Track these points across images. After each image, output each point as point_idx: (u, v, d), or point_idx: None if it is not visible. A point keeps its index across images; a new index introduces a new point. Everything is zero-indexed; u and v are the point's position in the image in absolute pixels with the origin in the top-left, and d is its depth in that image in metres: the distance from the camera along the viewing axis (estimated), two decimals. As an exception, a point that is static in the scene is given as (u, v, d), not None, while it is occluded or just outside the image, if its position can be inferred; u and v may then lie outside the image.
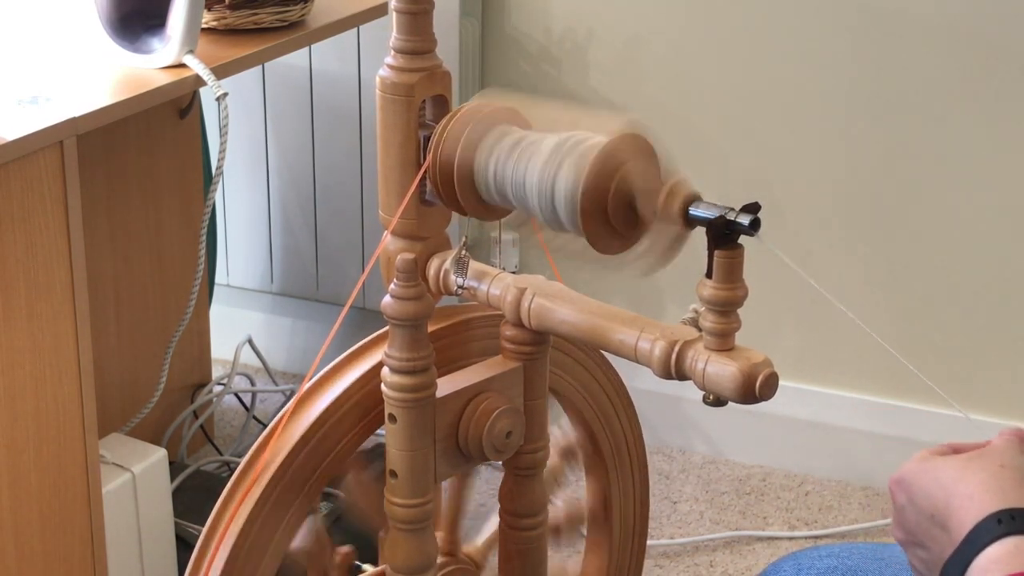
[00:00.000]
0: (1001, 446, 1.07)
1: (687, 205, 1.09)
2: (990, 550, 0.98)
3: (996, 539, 0.98)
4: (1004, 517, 0.99)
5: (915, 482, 1.07)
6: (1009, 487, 1.02)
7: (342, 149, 2.49)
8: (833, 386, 2.42)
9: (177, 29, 1.75)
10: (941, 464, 1.06)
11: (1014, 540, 0.98)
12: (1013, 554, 0.97)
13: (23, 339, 1.58)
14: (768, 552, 2.25)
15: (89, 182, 2.00)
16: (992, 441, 1.09)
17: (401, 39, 1.24)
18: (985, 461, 1.05)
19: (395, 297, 1.16)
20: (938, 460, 1.07)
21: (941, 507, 1.04)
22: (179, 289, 2.27)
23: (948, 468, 1.05)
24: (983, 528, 0.99)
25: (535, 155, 1.16)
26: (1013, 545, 0.98)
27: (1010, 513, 0.99)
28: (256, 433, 2.43)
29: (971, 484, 1.02)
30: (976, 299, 2.29)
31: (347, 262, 2.56)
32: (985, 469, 1.04)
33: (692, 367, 1.11)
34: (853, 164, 2.30)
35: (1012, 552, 0.97)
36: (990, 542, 0.98)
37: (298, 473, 1.23)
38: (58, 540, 1.68)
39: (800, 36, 2.26)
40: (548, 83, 2.41)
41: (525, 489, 1.34)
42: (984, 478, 1.03)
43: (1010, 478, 1.03)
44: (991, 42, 2.16)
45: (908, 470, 1.08)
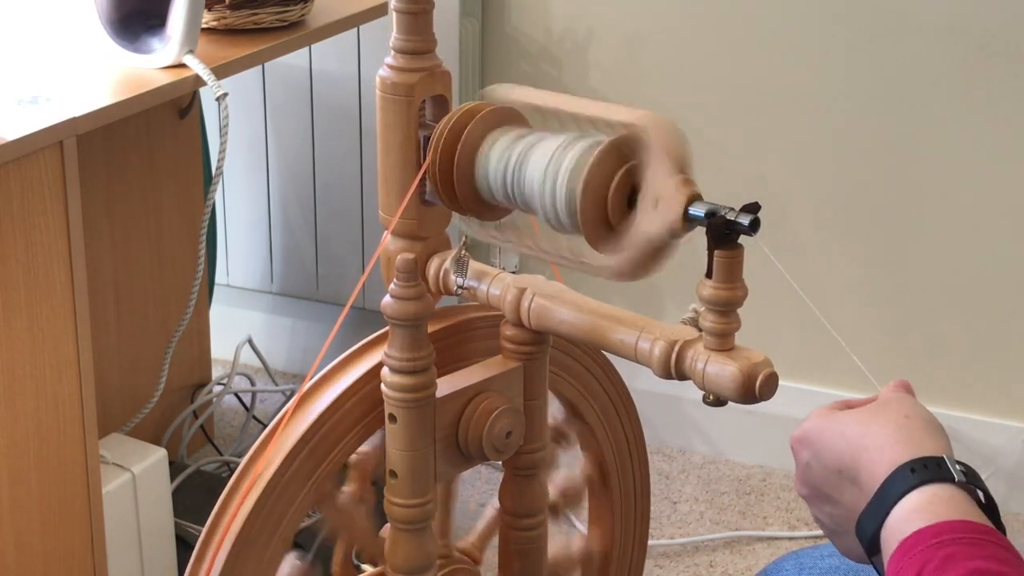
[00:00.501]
0: (896, 397, 1.08)
1: (687, 204, 1.09)
2: (907, 500, 0.98)
3: (911, 488, 0.98)
4: (917, 466, 0.99)
5: (819, 439, 1.06)
6: (918, 437, 1.02)
7: (342, 149, 2.49)
8: (833, 386, 2.42)
9: (177, 29, 1.75)
10: (844, 418, 1.06)
11: (931, 488, 0.98)
12: (932, 502, 0.97)
13: (23, 339, 1.58)
14: (768, 552, 2.25)
15: (89, 182, 2.00)
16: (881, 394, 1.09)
17: (401, 39, 1.24)
18: (889, 413, 1.05)
19: (395, 297, 1.16)
20: (841, 415, 1.07)
21: (848, 461, 1.03)
22: (179, 289, 2.27)
23: (852, 422, 1.05)
24: (897, 478, 0.99)
25: (536, 154, 1.16)
26: (931, 493, 0.97)
27: (922, 462, 0.99)
28: (256, 433, 2.43)
29: (879, 436, 1.02)
30: (976, 299, 2.29)
31: (347, 262, 2.56)
32: (891, 421, 1.04)
33: (692, 367, 1.11)
34: (853, 164, 2.30)
35: (931, 499, 0.97)
36: (906, 492, 0.98)
37: (298, 473, 1.23)
38: (58, 540, 1.68)
39: (800, 36, 2.26)
40: (548, 83, 2.41)
41: (525, 489, 1.34)
42: (891, 430, 1.03)
43: (917, 428, 1.03)
44: (991, 42, 2.16)
45: (810, 427, 1.08)
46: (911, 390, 1.10)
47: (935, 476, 0.98)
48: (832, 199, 2.33)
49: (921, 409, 1.06)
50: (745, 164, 2.35)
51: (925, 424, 1.04)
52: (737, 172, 2.35)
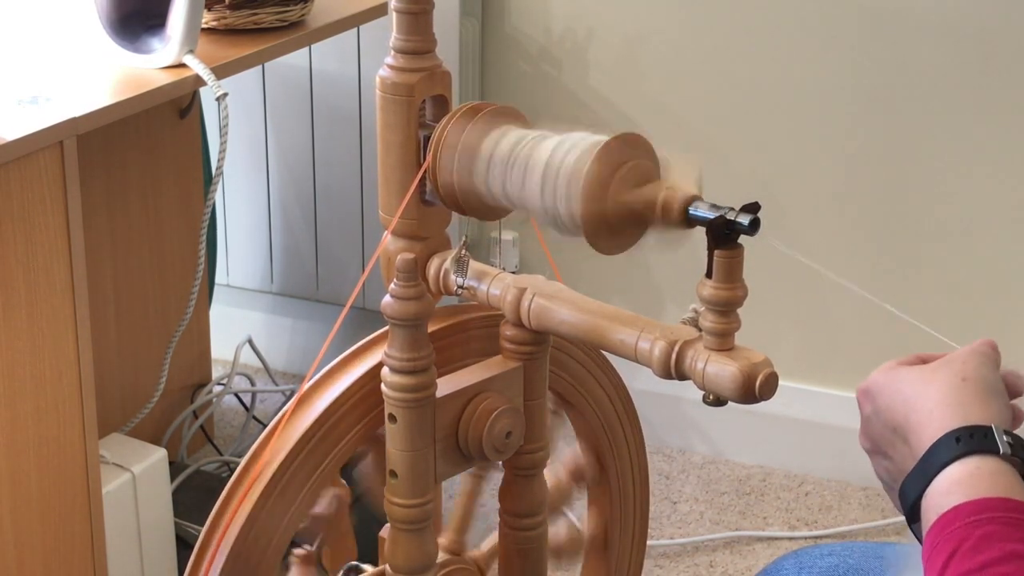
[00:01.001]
0: (965, 355, 1.04)
1: (687, 205, 1.09)
2: (950, 470, 0.96)
3: (955, 459, 0.96)
4: (963, 435, 0.97)
5: (880, 393, 1.05)
6: (969, 401, 0.99)
7: (342, 149, 2.49)
8: (833, 386, 2.42)
9: (177, 29, 1.75)
10: (905, 375, 1.04)
11: (975, 460, 0.95)
12: (975, 475, 0.95)
13: (23, 339, 1.58)
14: (768, 552, 2.25)
15: (89, 182, 2.00)
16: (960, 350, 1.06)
17: (401, 39, 1.24)
18: (947, 373, 1.02)
19: (395, 297, 1.16)
20: (903, 371, 1.05)
21: (901, 420, 1.02)
22: (179, 289, 2.27)
23: (910, 380, 1.03)
24: (941, 446, 0.97)
25: (536, 153, 1.16)
26: (974, 466, 0.95)
27: (969, 431, 0.97)
28: (256, 433, 2.43)
29: (931, 399, 1.00)
30: (976, 298, 2.29)
31: (347, 262, 2.56)
32: (946, 382, 1.01)
33: (692, 367, 1.10)
34: (853, 164, 2.30)
35: (974, 473, 0.95)
36: (949, 461, 0.96)
37: (298, 473, 1.22)
38: (58, 540, 1.68)
39: (800, 36, 2.26)
40: (548, 83, 2.41)
41: (525, 489, 1.34)
42: (945, 392, 1.00)
43: (971, 391, 1.00)
44: (992, 41, 2.16)
45: (874, 380, 1.06)
46: (996, 350, 1.06)
47: (981, 447, 0.96)
48: (832, 199, 2.33)
49: (986, 371, 1.02)
50: (745, 164, 2.35)
51: (981, 389, 1.00)
52: (737, 172, 2.35)
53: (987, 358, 1.04)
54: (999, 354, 1.06)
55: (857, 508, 2.36)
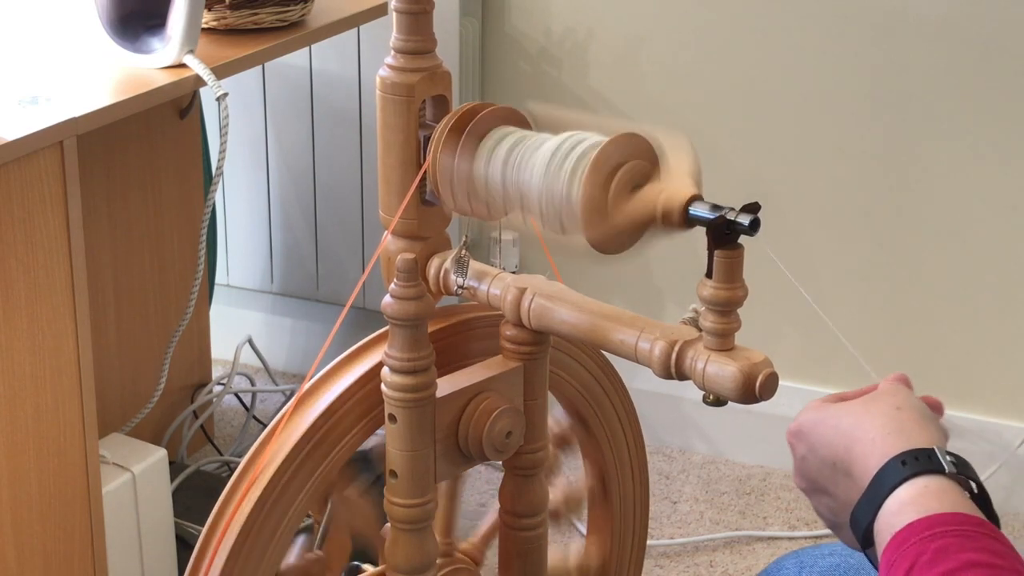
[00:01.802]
0: (891, 388, 1.07)
1: (687, 205, 1.09)
2: (899, 492, 0.98)
3: (903, 480, 0.98)
4: (908, 458, 0.99)
5: (813, 431, 1.07)
6: (909, 428, 1.02)
7: (342, 149, 2.49)
8: (833, 386, 2.42)
9: (177, 29, 1.75)
10: (838, 411, 1.06)
11: (922, 480, 0.98)
12: (923, 494, 0.97)
13: (23, 339, 1.58)
14: (768, 552, 2.25)
15: (89, 182, 2.00)
16: (879, 386, 1.09)
17: (401, 39, 1.24)
18: (882, 404, 1.05)
19: (395, 297, 1.16)
20: (834, 407, 1.07)
21: (842, 453, 1.04)
22: (179, 289, 2.27)
23: (845, 415, 1.05)
24: (889, 470, 0.99)
25: (536, 155, 1.16)
26: (922, 485, 0.97)
27: (913, 454, 0.99)
28: (256, 433, 2.43)
29: (871, 428, 1.02)
30: (976, 298, 2.29)
31: (347, 262, 2.56)
32: (883, 413, 1.04)
33: (692, 367, 1.10)
34: (853, 164, 2.30)
35: (922, 492, 0.97)
36: (898, 484, 0.98)
37: (298, 473, 1.22)
38: (58, 540, 1.68)
39: (800, 36, 2.26)
40: (548, 83, 2.41)
41: (525, 489, 1.34)
42: (884, 421, 1.03)
43: (909, 419, 1.03)
44: (991, 42, 2.16)
45: (805, 420, 1.08)
46: (908, 383, 1.10)
47: (926, 468, 0.98)
48: (832, 199, 2.33)
49: (914, 400, 1.06)
50: (745, 164, 2.35)
51: (917, 415, 1.04)
52: (737, 172, 2.35)
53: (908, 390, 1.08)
54: (912, 386, 1.10)
55: (857, 508, 2.35)
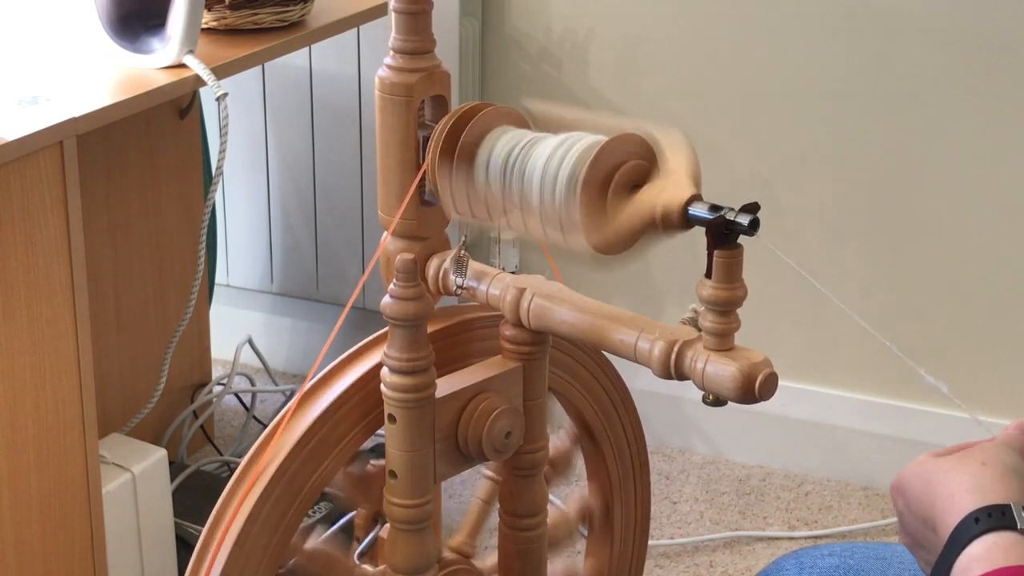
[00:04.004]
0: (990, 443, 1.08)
1: (686, 206, 1.09)
2: (970, 549, 0.99)
3: (975, 537, 0.99)
4: (981, 515, 1.00)
5: (910, 486, 1.08)
6: (988, 485, 1.02)
7: (342, 149, 2.49)
8: (833, 386, 2.42)
9: (177, 29, 1.75)
10: (931, 467, 1.07)
11: (993, 537, 0.98)
12: (991, 549, 0.98)
13: (23, 339, 1.58)
14: (768, 552, 2.25)
15: (89, 182, 2.00)
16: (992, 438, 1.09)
17: (401, 39, 1.24)
18: (968, 461, 1.06)
19: (395, 297, 1.16)
20: (930, 463, 1.08)
21: (928, 510, 1.05)
22: (179, 289, 2.27)
23: (935, 471, 1.06)
24: (963, 528, 1.00)
25: (535, 155, 1.16)
26: (992, 542, 0.98)
27: (987, 511, 1.00)
28: (256, 433, 2.43)
29: (952, 485, 1.03)
30: (977, 299, 2.29)
31: (347, 262, 2.56)
32: (966, 469, 1.04)
33: (692, 367, 1.11)
34: (853, 164, 2.30)
35: (991, 548, 0.98)
36: (969, 541, 0.99)
37: (298, 473, 1.23)
38: (58, 540, 1.68)
39: (800, 36, 2.26)
40: (548, 83, 2.41)
41: (525, 489, 1.34)
42: (964, 478, 1.03)
43: (990, 475, 1.03)
44: (991, 41, 2.16)
45: (905, 475, 1.09)
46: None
47: (998, 524, 0.99)
48: (832, 199, 2.33)
49: (1005, 455, 1.06)
50: (745, 164, 2.35)
51: (1001, 471, 1.04)
52: (737, 172, 2.35)
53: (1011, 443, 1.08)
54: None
55: (857, 508, 2.36)
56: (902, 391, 2.37)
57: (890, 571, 1.23)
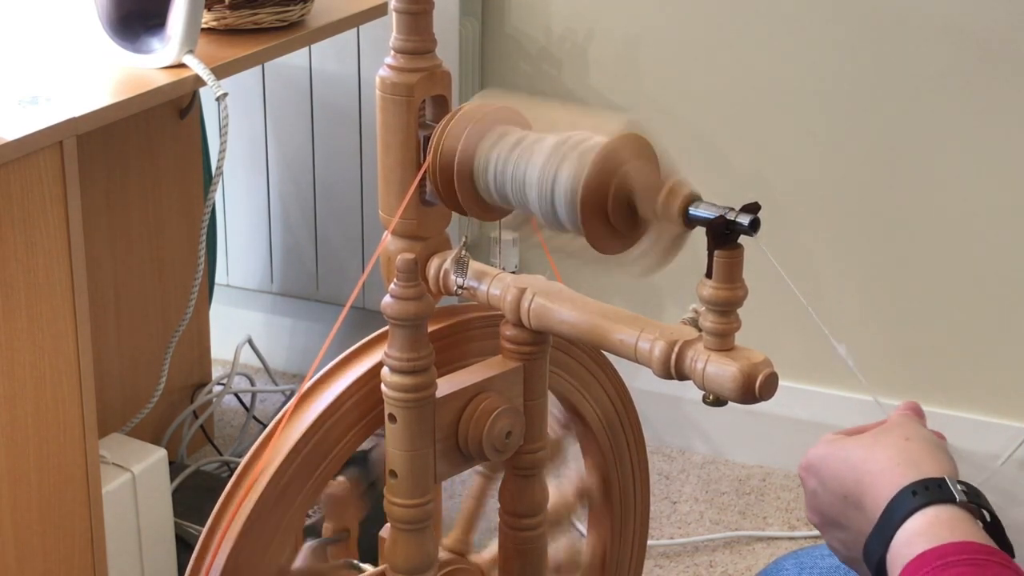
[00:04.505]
0: (900, 420, 1.09)
1: (687, 205, 1.09)
2: (910, 523, 0.98)
3: (914, 511, 0.98)
4: (918, 488, 0.99)
5: (824, 465, 1.08)
6: (919, 458, 1.02)
7: (342, 149, 2.49)
8: (833, 386, 2.42)
9: (177, 29, 1.75)
10: (848, 444, 1.07)
11: (933, 510, 0.98)
12: (934, 524, 0.97)
13: (23, 339, 1.58)
14: (768, 552, 2.25)
15: (89, 182, 2.00)
16: (889, 417, 1.10)
17: (401, 39, 1.24)
18: (891, 436, 1.06)
19: (395, 297, 1.16)
20: (844, 441, 1.08)
21: (852, 487, 1.04)
22: (179, 289, 2.27)
23: (855, 448, 1.06)
24: (899, 502, 1.00)
25: (535, 155, 1.16)
26: (933, 515, 0.98)
27: (924, 484, 0.99)
28: (256, 433, 2.43)
29: (880, 460, 1.03)
30: (975, 299, 2.29)
31: (347, 262, 2.57)
32: (892, 444, 1.05)
33: (692, 367, 1.10)
34: (853, 164, 2.30)
35: (933, 522, 0.97)
36: (908, 515, 0.98)
37: (298, 473, 1.23)
38: (58, 540, 1.68)
39: (800, 36, 2.26)
40: (548, 83, 2.41)
41: (525, 489, 1.34)
42: (892, 453, 1.03)
43: (918, 449, 1.03)
44: (990, 42, 2.16)
45: (815, 454, 1.09)
46: (920, 412, 1.11)
47: (937, 497, 0.98)
48: (832, 199, 2.33)
49: (924, 431, 1.07)
50: (745, 164, 2.35)
51: (927, 446, 1.04)
52: (737, 172, 2.35)
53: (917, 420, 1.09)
54: (924, 416, 1.11)
55: (857, 508, 2.35)
56: (902, 391, 2.37)
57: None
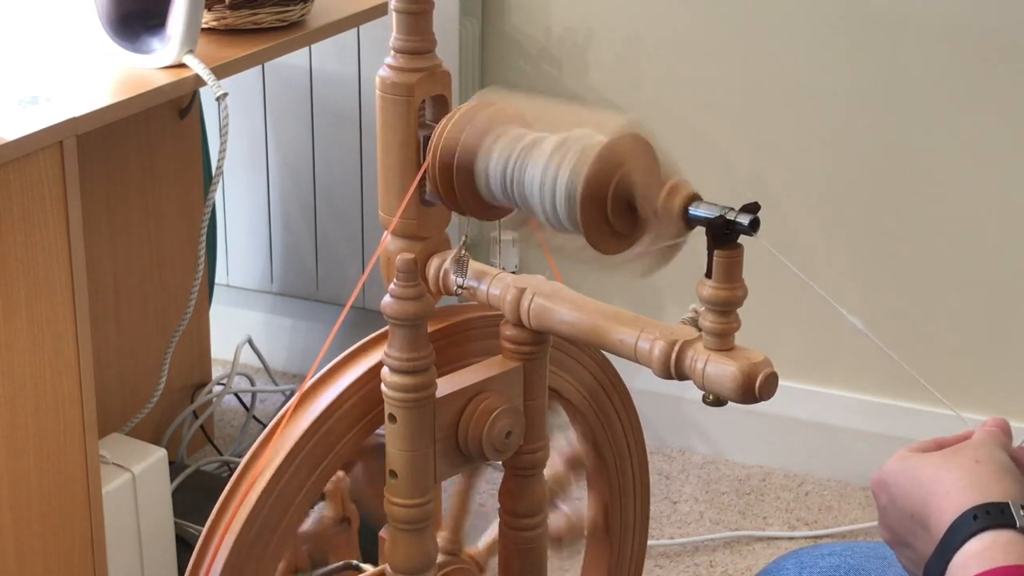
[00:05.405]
0: (980, 439, 1.08)
1: (687, 204, 1.09)
2: (968, 546, 0.98)
3: (973, 535, 0.98)
4: (979, 512, 0.99)
5: (895, 482, 1.07)
6: (986, 482, 1.02)
7: (342, 149, 2.49)
8: (833, 386, 2.42)
9: (177, 29, 1.75)
10: (919, 462, 1.06)
11: (991, 535, 0.98)
12: (990, 548, 0.97)
13: (23, 339, 1.58)
14: (768, 552, 2.25)
15: (89, 182, 2.00)
16: (974, 433, 1.09)
17: (401, 39, 1.24)
18: (961, 458, 1.05)
19: (395, 297, 1.16)
20: (916, 458, 1.07)
21: (919, 506, 1.04)
22: (179, 289, 2.27)
23: (925, 467, 1.06)
24: (960, 525, 0.99)
25: (535, 154, 1.16)
26: (991, 540, 0.98)
27: (985, 508, 0.99)
28: (256, 433, 2.43)
29: (947, 482, 1.03)
30: (976, 299, 2.29)
31: (347, 262, 2.57)
32: (961, 466, 1.04)
33: (692, 367, 1.10)
34: (853, 163, 2.30)
35: (989, 546, 0.97)
36: (967, 538, 0.98)
37: (298, 473, 1.23)
38: (58, 540, 1.68)
39: (799, 36, 2.26)
40: (548, 83, 2.41)
41: (525, 489, 1.34)
42: (959, 476, 1.03)
43: (986, 472, 1.03)
44: (990, 42, 2.16)
45: (888, 470, 1.08)
46: (1007, 430, 1.10)
47: (997, 522, 0.98)
48: (832, 199, 2.33)
49: (997, 453, 1.06)
50: (745, 164, 2.35)
51: (996, 469, 1.04)
52: (737, 172, 2.35)
53: (997, 438, 1.08)
54: (1011, 433, 1.10)
55: (857, 508, 2.36)
56: (902, 391, 2.37)
57: (890, 571, 1.23)
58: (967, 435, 1.10)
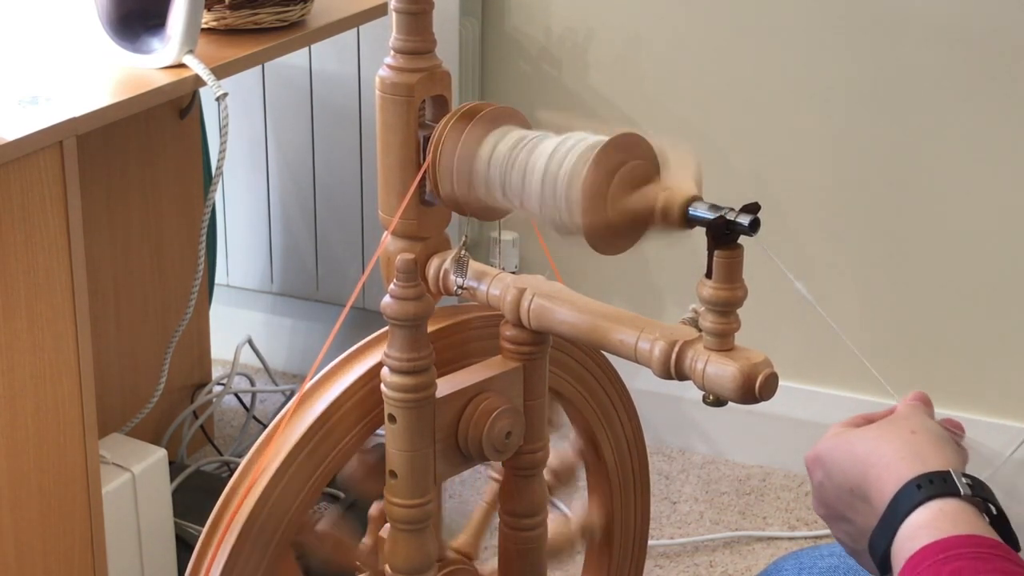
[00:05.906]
0: (907, 411, 1.08)
1: (687, 205, 1.09)
2: (914, 516, 0.98)
3: (918, 504, 0.98)
4: (923, 482, 0.99)
5: (830, 457, 1.07)
6: (925, 452, 1.02)
7: (342, 149, 2.49)
8: (833, 386, 2.42)
9: (177, 29, 1.75)
10: (854, 437, 1.07)
11: (937, 503, 0.98)
12: (938, 517, 0.97)
13: (23, 339, 1.58)
14: (768, 552, 2.25)
15: (89, 182, 2.00)
16: (897, 407, 1.10)
17: (401, 39, 1.24)
18: (897, 428, 1.06)
19: (395, 297, 1.16)
20: (851, 433, 1.08)
21: (859, 479, 1.04)
22: (179, 289, 2.27)
23: (861, 440, 1.06)
24: (904, 495, 0.99)
25: (535, 154, 1.16)
26: (937, 509, 0.98)
27: (928, 477, 0.99)
28: (256, 433, 2.43)
29: (886, 453, 1.03)
30: (976, 299, 2.29)
31: (347, 262, 2.57)
32: (898, 437, 1.04)
33: (692, 367, 1.10)
34: (853, 164, 2.30)
35: (937, 515, 0.97)
36: (912, 508, 0.98)
37: (298, 473, 1.23)
38: (58, 540, 1.68)
39: (800, 36, 2.26)
40: (548, 83, 2.41)
41: (525, 489, 1.34)
42: (898, 446, 1.03)
43: (924, 442, 1.03)
44: (990, 42, 2.16)
45: (822, 447, 1.09)
46: (928, 402, 1.11)
47: (941, 491, 0.98)
48: (832, 199, 2.33)
49: (930, 423, 1.07)
50: (745, 164, 2.35)
51: (933, 438, 1.04)
52: (737, 172, 2.35)
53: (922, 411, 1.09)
54: (932, 405, 1.11)
55: (857, 508, 2.35)
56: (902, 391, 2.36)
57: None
58: (892, 410, 1.10)
